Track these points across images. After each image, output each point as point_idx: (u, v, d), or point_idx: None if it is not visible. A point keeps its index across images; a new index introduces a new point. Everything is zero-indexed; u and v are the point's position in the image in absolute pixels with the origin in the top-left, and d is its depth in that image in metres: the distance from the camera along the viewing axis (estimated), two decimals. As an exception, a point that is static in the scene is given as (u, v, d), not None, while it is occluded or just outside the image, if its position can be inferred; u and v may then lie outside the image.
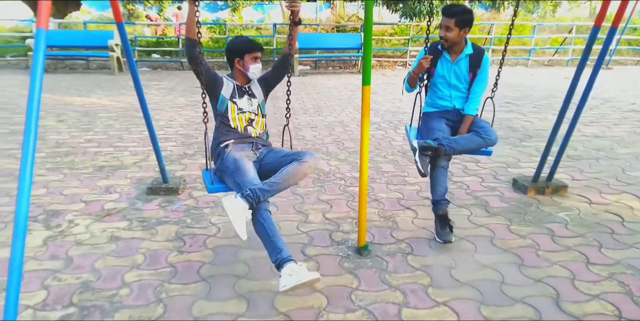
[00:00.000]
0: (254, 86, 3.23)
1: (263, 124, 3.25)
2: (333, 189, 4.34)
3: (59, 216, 3.70)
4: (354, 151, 5.53)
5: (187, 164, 5.02)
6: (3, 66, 13.43)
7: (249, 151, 3.08)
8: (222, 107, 3.12)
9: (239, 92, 3.15)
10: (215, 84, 3.10)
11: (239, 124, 3.14)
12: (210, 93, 3.12)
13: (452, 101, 3.59)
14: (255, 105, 3.19)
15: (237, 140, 3.11)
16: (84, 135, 6.17)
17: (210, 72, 3.08)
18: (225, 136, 3.14)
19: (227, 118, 3.12)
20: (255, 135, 3.17)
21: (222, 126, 3.15)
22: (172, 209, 3.86)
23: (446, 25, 3.36)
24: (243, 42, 3.14)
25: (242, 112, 3.13)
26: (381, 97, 9.42)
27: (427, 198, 4.06)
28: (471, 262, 3.03)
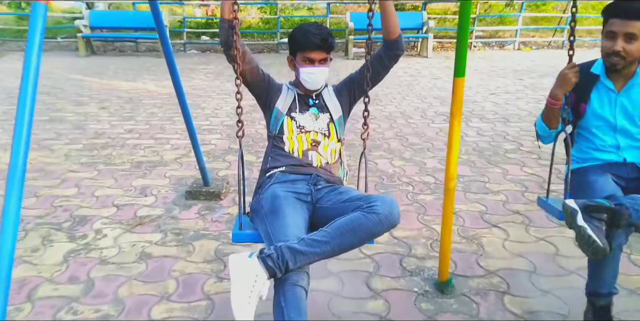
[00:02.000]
0: (327, 95, 2.34)
1: (335, 151, 2.29)
2: (399, 197, 3.69)
3: (87, 224, 3.22)
4: (420, 149, 4.84)
5: (231, 162, 4.47)
6: (53, 47, 13.30)
7: (301, 186, 2.10)
8: (275, 126, 2.25)
9: (301, 104, 2.29)
10: (268, 90, 2.29)
11: (296, 147, 2.22)
12: (261, 102, 2.33)
13: (620, 153, 2.26)
14: (325, 122, 2.27)
15: (290, 168, 2.18)
16: (125, 124, 5.73)
17: (259, 72, 2.25)
18: (274, 162, 2.23)
19: (281, 139, 2.24)
20: (319, 164, 2.21)
21: (274, 149, 2.26)
22: (213, 219, 3.32)
23: (628, 33, 2.06)
24: (297, 32, 2.22)
25: (303, 132, 2.24)
26: (446, 82, 8.60)
27: (517, 213, 3.37)
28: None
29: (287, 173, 2.17)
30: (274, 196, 2.00)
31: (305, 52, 2.19)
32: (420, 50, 12.52)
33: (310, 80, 2.23)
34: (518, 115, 6.13)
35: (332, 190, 2.09)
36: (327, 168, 2.24)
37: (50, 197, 3.65)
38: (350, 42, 11.81)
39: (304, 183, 2.11)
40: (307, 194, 2.07)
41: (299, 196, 2.04)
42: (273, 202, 1.96)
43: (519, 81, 8.57)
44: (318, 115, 2.28)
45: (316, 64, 2.21)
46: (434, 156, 4.61)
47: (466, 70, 2.42)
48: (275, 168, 2.21)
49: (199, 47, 13.67)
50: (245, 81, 2.16)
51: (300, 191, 2.07)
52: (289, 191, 2.05)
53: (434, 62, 11.14)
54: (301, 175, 2.15)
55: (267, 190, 2.08)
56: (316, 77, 2.23)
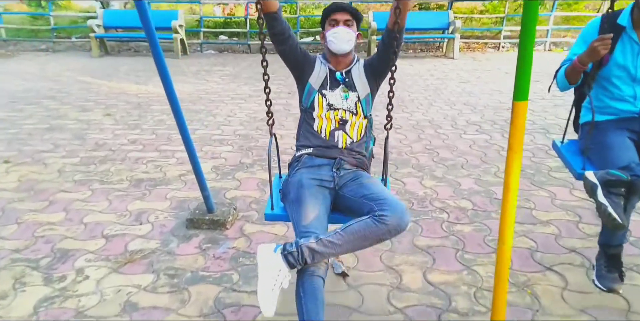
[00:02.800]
0: (356, 73, 2.40)
1: (362, 128, 2.40)
2: (432, 227, 3.17)
3: (68, 261, 2.77)
4: (452, 165, 4.30)
5: (242, 180, 3.99)
6: (68, 47, 12.99)
7: (325, 172, 2.25)
8: (307, 101, 2.40)
9: (332, 81, 2.38)
10: (304, 66, 2.41)
11: (324, 127, 2.36)
12: (295, 74, 2.46)
13: (637, 103, 2.47)
14: (353, 100, 2.37)
15: (316, 150, 2.34)
16: (129, 134, 5.29)
17: (297, 49, 2.37)
18: (304, 141, 2.41)
19: (311, 115, 2.38)
20: (344, 145, 2.35)
21: (304, 125, 2.43)
22: (215, 256, 2.84)
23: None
24: (326, 7, 2.42)
25: (331, 109, 2.36)
26: (475, 86, 8.01)
27: (574, 251, 2.84)
28: None
29: (314, 156, 2.32)
30: (299, 184, 2.16)
31: (331, 15, 2.35)
32: (446, 51, 11.91)
33: (335, 40, 2.30)
34: (559, 125, 5.54)
35: (354, 178, 2.23)
36: (352, 147, 2.36)
37: (33, 224, 3.21)
38: (373, 42, 11.26)
39: (328, 168, 2.26)
40: (330, 180, 2.22)
41: (322, 183, 2.20)
42: (298, 190, 2.13)
43: (554, 85, 7.92)
44: (346, 93, 2.36)
45: (340, 25, 2.31)
46: (469, 175, 4.07)
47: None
48: (305, 147, 2.38)
49: (216, 47, 13.24)
50: (284, 55, 2.34)
51: (324, 177, 2.22)
52: (314, 178, 2.20)
53: (461, 64, 10.52)
54: (326, 159, 2.30)
55: (294, 175, 2.26)
56: (341, 36, 2.29)
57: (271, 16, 2.18)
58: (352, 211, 2.11)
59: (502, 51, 12.55)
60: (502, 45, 12.80)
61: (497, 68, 9.83)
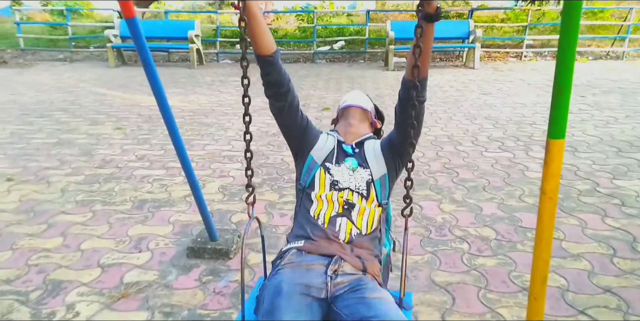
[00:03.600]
0: (370, 148, 1.93)
1: (373, 218, 1.81)
2: (452, 259, 2.93)
3: (59, 295, 2.59)
4: (473, 187, 4.05)
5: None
6: (86, 57, 13.01)
7: (316, 277, 1.60)
8: (306, 178, 1.88)
9: (339, 153, 1.91)
10: (306, 135, 1.93)
11: (324, 210, 1.79)
12: (296, 149, 1.96)
13: None
14: (364, 179, 1.84)
15: (309, 244, 1.73)
16: (138, 149, 5.14)
17: (299, 112, 1.88)
18: (297, 231, 1.83)
19: (309, 197, 1.84)
20: (347, 237, 1.75)
21: (301, 211, 1.86)
22: (216, 290, 2.63)
23: None
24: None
25: (336, 189, 1.82)
26: (497, 99, 7.72)
27: (609, 291, 2.57)
28: None
29: (305, 252, 1.71)
30: (277, 290, 1.53)
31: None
32: (466, 61, 11.63)
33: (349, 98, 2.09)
34: (586, 142, 5.24)
35: (355, 288, 1.58)
36: (359, 241, 1.76)
37: (29, 251, 3.05)
38: (391, 52, 11.04)
39: (320, 271, 1.62)
40: (321, 288, 1.57)
41: (309, 290, 1.55)
42: (274, 299, 1.51)
43: (580, 98, 7.61)
44: (356, 168, 1.87)
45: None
46: (492, 198, 3.81)
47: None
48: (295, 239, 1.79)
49: (232, 57, 13.15)
50: (280, 116, 1.86)
51: (313, 283, 1.57)
52: (299, 282, 1.56)
53: (482, 74, 10.24)
54: (321, 256, 1.69)
55: (274, 276, 1.64)
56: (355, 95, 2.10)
57: (266, 60, 1.70)
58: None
59: (525, 61, 12.23)
60: (524, 54, 12.48)
61: (519, 79, 9.53)
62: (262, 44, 1.68)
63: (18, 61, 12.21)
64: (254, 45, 1.68)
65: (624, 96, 7.73)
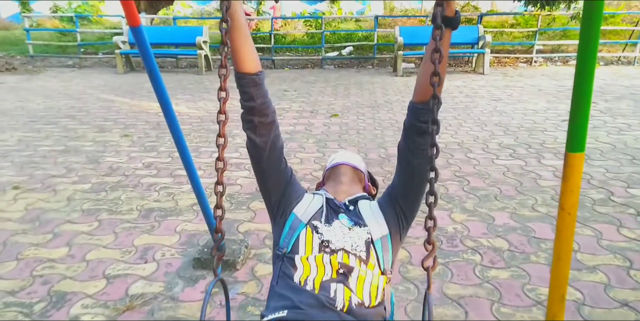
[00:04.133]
0: (366, 206, 1.60)
1: (376, 287, 1.42)
2: (464, 271, 2.86)
3: (64, 307, 2.54)
4: (485, 196, 3.97)
5: (257, 211, 3.74)
6: (95, 63, 13.07)
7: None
8: (288, 240, 1.49)
9: (329, 211, 1.56)
10: (288, 188, 1.58)
11: (313, 275, 1.38)
12: (272, 202, 1.59)
13: None
14: (362, 239, 1.48)
15: (294, 313, 1.29)
16: (145, 157, 5.11)
17: (282, 156, 1.57)
18: (274, 303, 1.37)
19: (292, 261, 1.43)
20: (346, 305, 1.32)
21: (279, 281, 1.44)
22: (223, 303, 2.58)
23: None
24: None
25: (327, 251, 1.43)
26: (508, 105, 7.64)
27: (626, 305, 2.49)
28: None
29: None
30: None
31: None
32: (475, 66, 11.55)
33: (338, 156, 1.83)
34: (599, 150, 5.15)
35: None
36: (362, 313, 1.32)
37: (34, 261, 3.01)
38: (399, 58, 10.98)
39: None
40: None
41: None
42: None
43: (592, 104, 7.49)
44: (352, 227, 1.50)
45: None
46: (504, 208, 3.74)
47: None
48: (275, 310, 1.31)
49: (240, 63, 13.15)
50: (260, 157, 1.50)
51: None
52: None
53: (491, 80, 10.15)
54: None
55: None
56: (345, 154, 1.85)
57: (250, 78, 1.41)
58: None
59: (535, 66, 12.13)
60: (534, 60, 12.38)
61: (530, 85, 9.44)
62: (247, 58, 1.38)
63: (27, 67, 12.27)
64: (236, 60, 1.37)
65: (636, 102, 7.62)
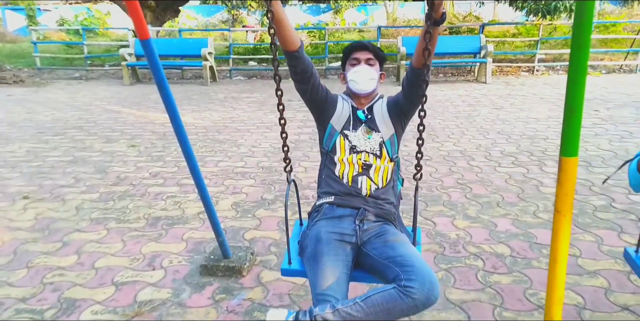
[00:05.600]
0: (378, 111, 2.25)
1: (387, 172, 2.21)
2: (466, 276, 2.90)
3: (74, 313, 2.60)
4: (487, 203, 4.02)
5: (262, 219, 3.80)
6: (101, 75, 13.23)
7: (347, 225, 2.06)
8: (328, 143, 2.23)
9: (355, 121, 2.23)
10: (327, 105, 2.24)
11: (346, 171, 2.17)
12: (316, 114, 2.28)
13: None
14: (377, 142, 2.20)
15: (338, 199, 2.15)
16: (152, 166, 5.19)
17: (319, 88, 2.19)
18: (326, 187, 2.22)
19: (333, 160, 2.21)
20: (368, 192, 2.15)
21: (325, 170, 2.24)
22: (229, 309, 2.63)
23: None
24: (347, 47, 2.31)
25: (354, 152, 2.18)
26: (510, 113, 7.70)
27: (627, 309, 2.53)
28: None
29: (335, 206, 2.13)
30: (317, 238, 1.99)
31: (351, 54, 2.24)
32: (478, 76, 11.63)
33: (357, 79, 2.20)
34: (601, 157, 5.20)
35: (379, 234, 2.03)
36: (378, 194, 2.16)
37: (44, 269, 3.07)
38: (402, 67, 11.08)
39: (350, 221, 2.08)
40: (352, 235, 2.03)
41: (343, 237, 2.01)
42: (316, 245, 1.96)
43: (594, 112, 7.56)
44: (371, 132, 2.20)
45: (362, 64, 2.20)
46: (506, 214, 3.78)
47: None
48: (326, 195, 2.19)
49: (245, 73, 13.29)
50: (305, 95, 2.17)
51: (345, 231, 2.03)
52: (334, 231, 2.02)
53: (494, 89, 10.22)
54: (349, 208, 2.11)
55: (313, 227, 2.10)
56: (362, 75, 2.20)
57: (292, 55, 2.00)
58: (376, 271, 1.94)
59: (537, 75, 12.20)
60: (536, 68, 12.45)
61: (532, 93, 9.50)
62: (288, 42, 1.93)
63: (34, 79, 12.43)
64: (282, 44, 1.92)
65: (638, 110, 7.67)
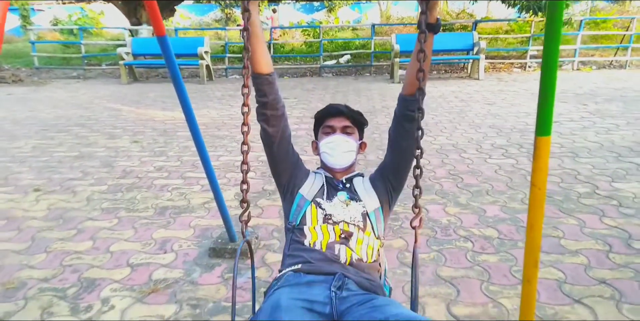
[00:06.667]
0: (360, 184, 1.90)
1: (372, 248, 1.76)
2: (456, 257, 3.12)
3: (94, 291, 2.80)
4: (477, 192, 4.25)
5: (264, 208, 4.02)
6: (99, 74, 13.41)
7: (319, 292, 1.52)
8: (296, 215, 1.81)
9: (330, 190, 1.86)
10: (295, 170, 1.90)
11: (320, 239, 1.72)
12: (282, 183, 1.90)
13: None
14: (359, 211, 1.79)
15: (307, 266, 1.64)
16: (156, 161, 5.39)
17: (290, 143, 1.88)
18: (289, 260, 1.73)
19: (302, 231, 1.76)
20: (348, 260, 1.67)
21: (292, 245, 1.77)
22: (237, 285, 2.84)
23: None
24: (320, 111, 1.99)
25: (330, 222, 1.75)
26: (502, 108, 7.94)
27: (604, 282, 2.76)
28: None
29: (303, 273, 1.61)
30: (275, 305, 1.40)
31: (325, 121, 1.93)
32: (471, 72, 11.88)
33: (331, 151, 1.88)
34: (587, 148, 5.44)
35: (364, 302, 1.46)
36: (361, 266, 1.67)
37: (62, 253, 3.27)
38: (396, 65, 11.32)
39: (323, 287, 1.53)
40: (326, 303, 1.47)
41: (312, 305, 1.45)
42: (272, 314, 1.37)
43: (582, 106, 7.81)
44: (349, 202, 1.82)
45: (337, 132, 1.89)
46: (495, 201, 4.01)
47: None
48: (290, 265, 1.67)
49: (240, 72, 13.46)
50: (273, 145, 1.82)
51: (316, 298, 1.48)
52: (300, 298, 1.46)
53: (486, 85, 10.48)
54: (322, 275, 1.58)
55: (270, 297, 1.52)
56: (337, 146, 1.87)
57: (264, 78, 1.70)
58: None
59: (529, 71, 12.47)
60: (528, 65, 12.72)
61: (523, 89, 9.75)
62: (262, 61, 1.67)
63: (33, 79, 12.58)
64: (253, 63, 1.66)
65: (626, 104, 7.92)
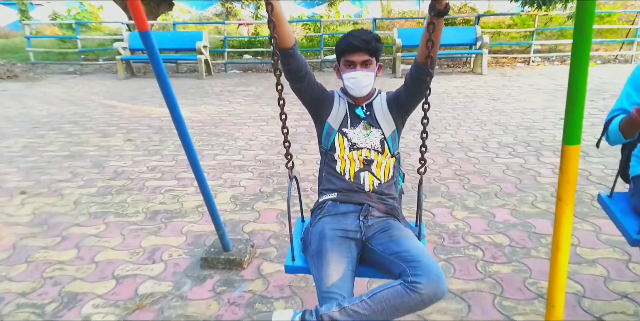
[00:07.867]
0: (378, 108, 2.21)
1: (389, 168, 2.17)
2: (466, 266, 2.91)
3: (75, 307, 2.60)
4: (485, 194, 4.03)
5: (261, 211, 3.80)
6: (95, 69, 13.16)
7: (351, 221, 2.01)
8: (327, 142, 2.19)
9: (352, 118, 2.18)
10: (322, 103, 2.21)
11: (348, 167, 2.13)
12: (312, 113, 2.26)
13: None
14: (378, 138, 2.16)
15: (341, 195, 2.12)
16: (149, 161, 5.17)
17: (315, 86, 2.17)
18: (327, 184, 2.18)
19: (333, 157, 2.17)
20: (371, 188, 2.11)
21: (326, 168, 2.20)
22: (230, 301, 2.63)
23: None
24: (340, 40, 2.18)
25: (354, 149, 2.15)
26: (506, 104, 7.71)
27: (626, 297, 2.55)
28: None
29: (339, 202, 2.09)
30: (322, 235, 1.95)
31: (346, 56, 2.12)
32: (474, 67, 11.63)
33: (353, 85, 2.14)
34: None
35: (384, 229, 1.98)
36: (381, 189, 2.13)
37: (43, 263, 3.07)
38: (398, 59, 11.08)
39: (354, 217, 2.03)
40: (356, 231, 1.98)
41: (347, 233, 1.97)
42: (320, 242, 1.91)
43: (589, 102, 7.57)
44: (370, 129, 2.16)
45: (358, 68, 2.11)
46: (504, 205, 3.80)
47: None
48: (328, 191, 2.15)
49: (240, 67, 13.23)
50: (299, 94, 2.16)
51: (349, 227, 1.99)
52: (338, 228, 1.98)
53: (490, 80, 10.23)
54: (352, 205, 2.08)
55: (317, 224, 2.04)
56: (358, 82, 2.13)
57: (287, 52, 1.99)
58: (382, 267, 1.90)
59: (532, 66, 12.21)
60: (532, 59, 12.46)
61: (528, 84, 9.51)
62: (284, 39, 1.93)
63: (28, 74, 12.35)
64: (277, 41, 1.86)
65: (634, 100, 7.68)
